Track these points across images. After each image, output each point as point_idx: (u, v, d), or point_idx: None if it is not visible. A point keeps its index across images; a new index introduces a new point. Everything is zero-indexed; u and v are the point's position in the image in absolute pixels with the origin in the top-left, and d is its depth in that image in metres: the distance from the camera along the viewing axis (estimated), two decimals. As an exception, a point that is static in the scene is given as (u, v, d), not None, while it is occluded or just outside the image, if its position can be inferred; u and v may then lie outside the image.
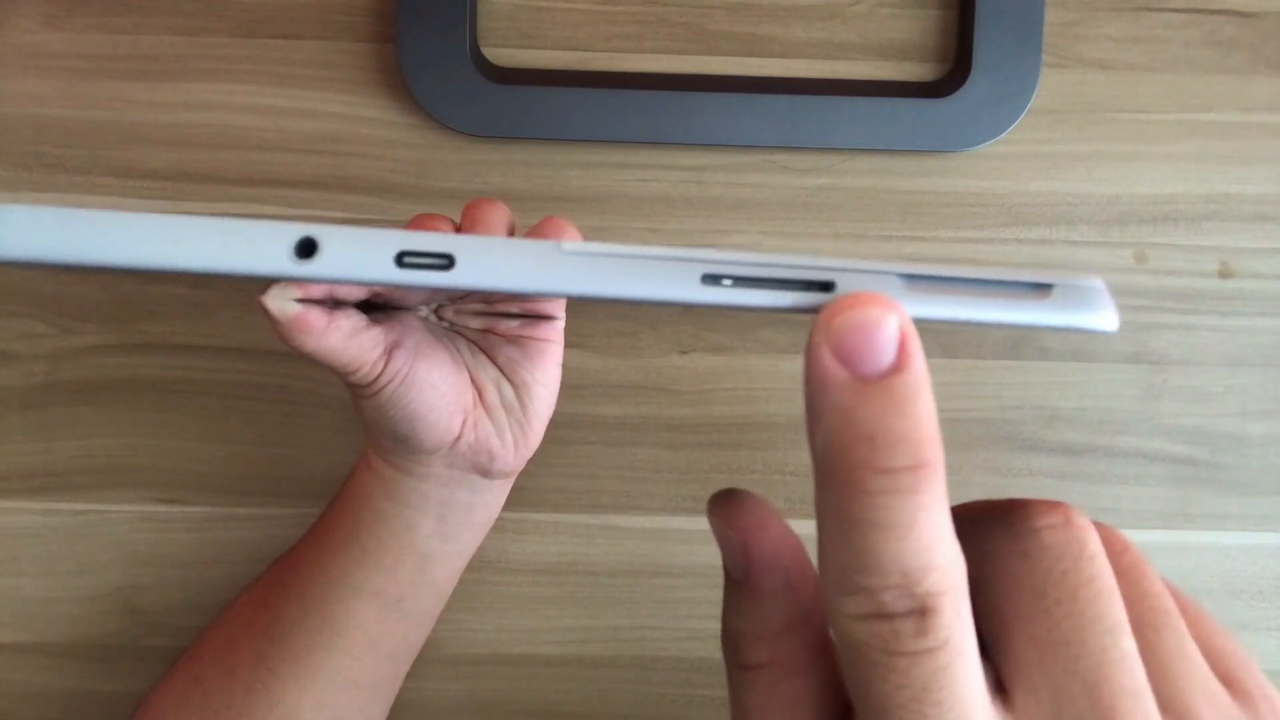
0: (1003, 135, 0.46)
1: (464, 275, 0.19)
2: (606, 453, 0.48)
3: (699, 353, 0.48)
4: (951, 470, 0.48)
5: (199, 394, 0.47)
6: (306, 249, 0.19)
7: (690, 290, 0.19)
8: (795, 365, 0.48)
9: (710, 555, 0.48)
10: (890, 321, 0.16)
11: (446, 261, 0.19)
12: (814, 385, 0.16)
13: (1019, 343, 0.48)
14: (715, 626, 0.48)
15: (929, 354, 0.47)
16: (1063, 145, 0.47)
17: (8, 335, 0.47)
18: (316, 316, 0.29)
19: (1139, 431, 0.48)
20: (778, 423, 0.48)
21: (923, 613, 0.16)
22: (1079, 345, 0.48)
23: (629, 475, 0.48)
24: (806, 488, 0.48)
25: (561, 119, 0.45)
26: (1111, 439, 0.48)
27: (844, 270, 0.18)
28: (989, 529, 0.19)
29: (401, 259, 0.19)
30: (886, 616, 0.16)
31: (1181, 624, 0.19)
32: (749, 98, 0.45)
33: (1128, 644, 0.17)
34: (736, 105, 0.45)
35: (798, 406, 0.48)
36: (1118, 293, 0.48)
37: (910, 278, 0.18)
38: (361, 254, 0.19)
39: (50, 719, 0.48)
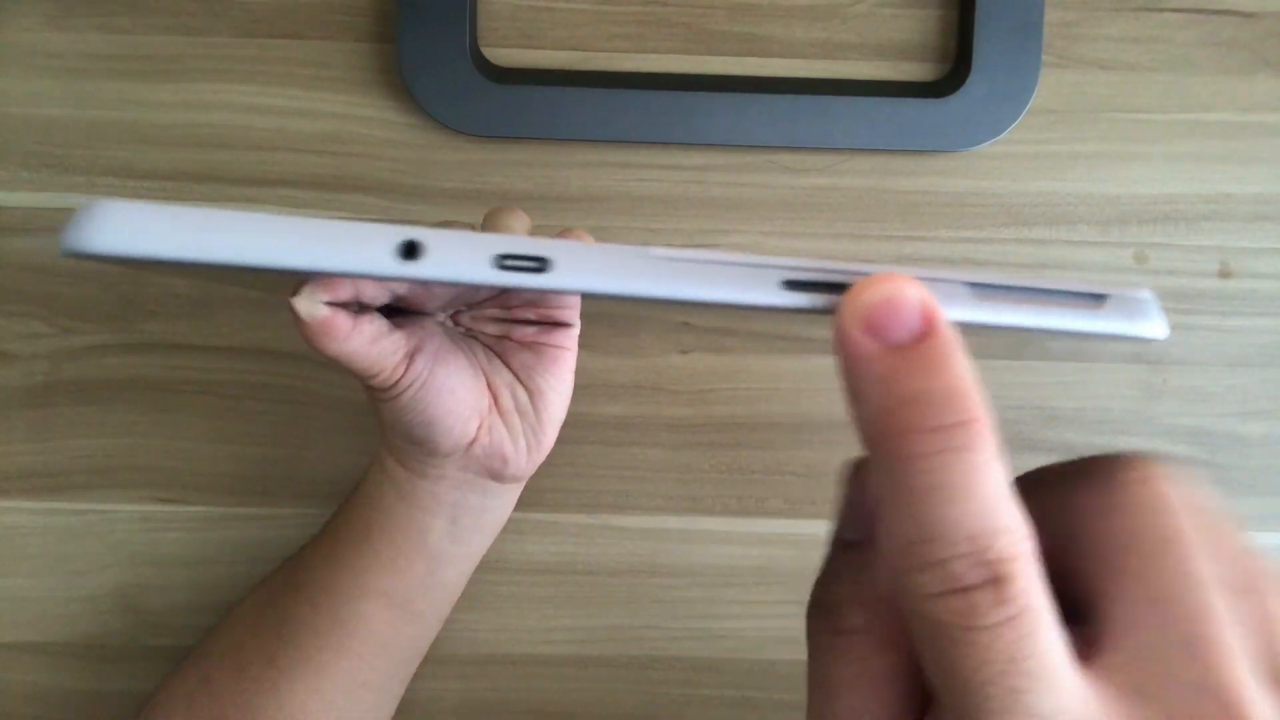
0: (1003, 135, 0.46)
1: (558, 278, 0.20)
2: (606, 453, 0.48)
3: (699, 353, 0.48)
4: (951, 470, 0.48)
5: (199, 394, 0.47)
6: (410, 250, 0.20)
7: (771, 295, 0.19)
8: (795, 365, 0.48)
9: (710, 555, 0.48)
10: (911, 291, 0.16)
11: (541, 265, 0.20)
12: (850, 364, 0.16)
13: (1019, 343, 0.48)
14: (715, 626, 0.48)
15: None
16: (1063, 145, 0.47)
17: (8, 335, 0.47)
18: (343, 320, 0.29)
19: (1139, 431, 0.48)
20: (778, 423, 0.48)
21: (997, 581, 0.15)
22: (1077, 344, 0.48)
23: (629, 475, 0.48)
24: (806, 488, 0.48)
25: (561, 119, 0.45)
26: (1111, 439, 0.48)
27: (917, 278, 0.19)
28: (1073, 487, 0.18)
29: (500, 261, 0.20)
30: (962, 590, 0.15)
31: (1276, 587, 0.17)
32: (749, 98, 0.45)
33: (1222, 601, 0.16)
34: (736, 105, 0.45)
35: (798, 406, 0.48)
36: (1118, 293, 0.48)
37: (976, 286, 0.19)
38: (462, 256, 0.20)
39: (50, 719, 0.48)
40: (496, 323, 0.37)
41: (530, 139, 0.46)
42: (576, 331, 0.38)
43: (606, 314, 0.48)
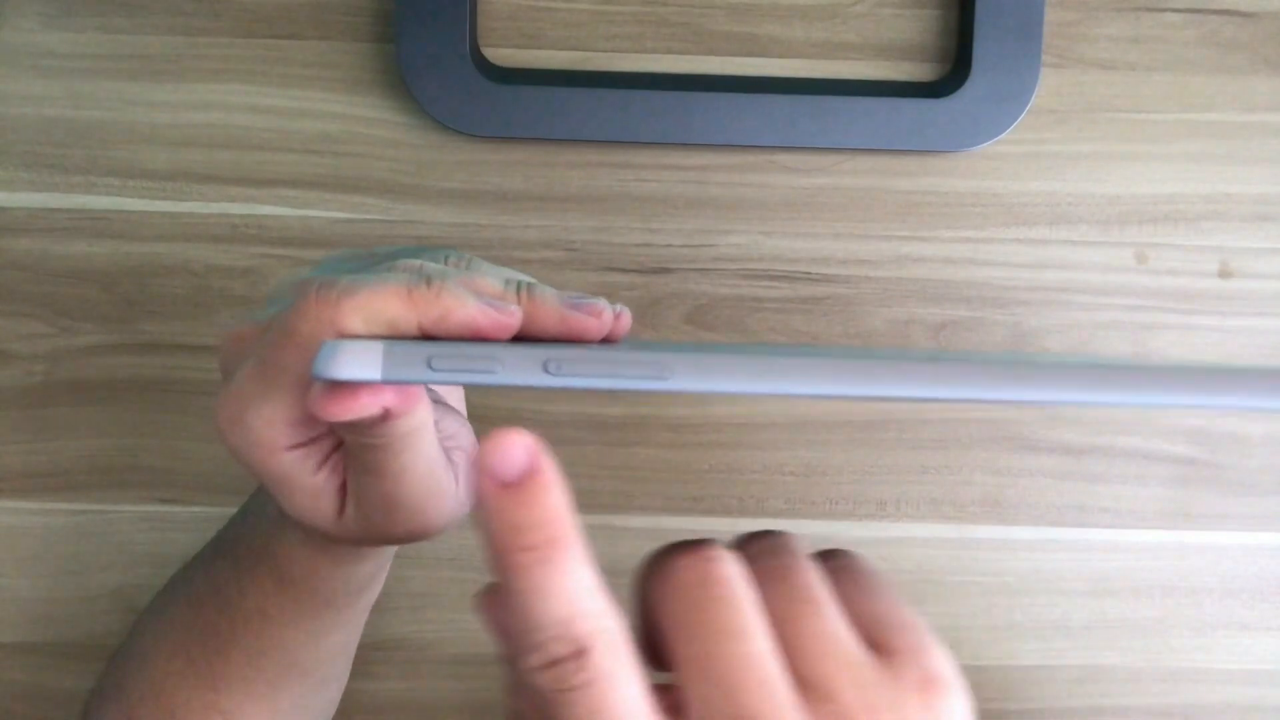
0: (1003, 135, 0.46)
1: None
2: (606, 453, 0.48)
3: (699, 353, 0.48)
4: (951, 470, 0.48)
5: (199, 394, 0.47)
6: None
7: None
8: (795, 365, 0.48)
9: (710, 555, 0.48)
10: (519, 441, 0.20)
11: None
12: (476, 500, 0.20)
13: (1018, 342, 0.48)
14: (715, 626, 0.48)
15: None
16: (1063, 145, 0.47)
17: (8, 335, 0.47)
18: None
19: (1139, 431, 0.48)
20: (778, 423, 0.48)
21: (580, 653, 0.20)
22: (1078, 344, 0.48)
23: (629, 475, 0.48)
24: (806, 488, 0.48)
25: (561, 119, 0.45)
26: (1111, 439, 0.48)
27: None
28: (648, 577, 0.23)
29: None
30: (554, 662, 0.20)
31: (823, 609, 0.22)
32: (749, 98, 0.45)
33: (756, 644, 0.21)
34: (736, 105, 0.45)
35: (797, 407, 0.48)
36: (1118, 293, 0.48)
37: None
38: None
39: (50, 719, 0.48)
40: None
41: (530, 139, 0.46)
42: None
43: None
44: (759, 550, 0.23)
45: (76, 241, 0.47)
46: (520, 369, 0.21)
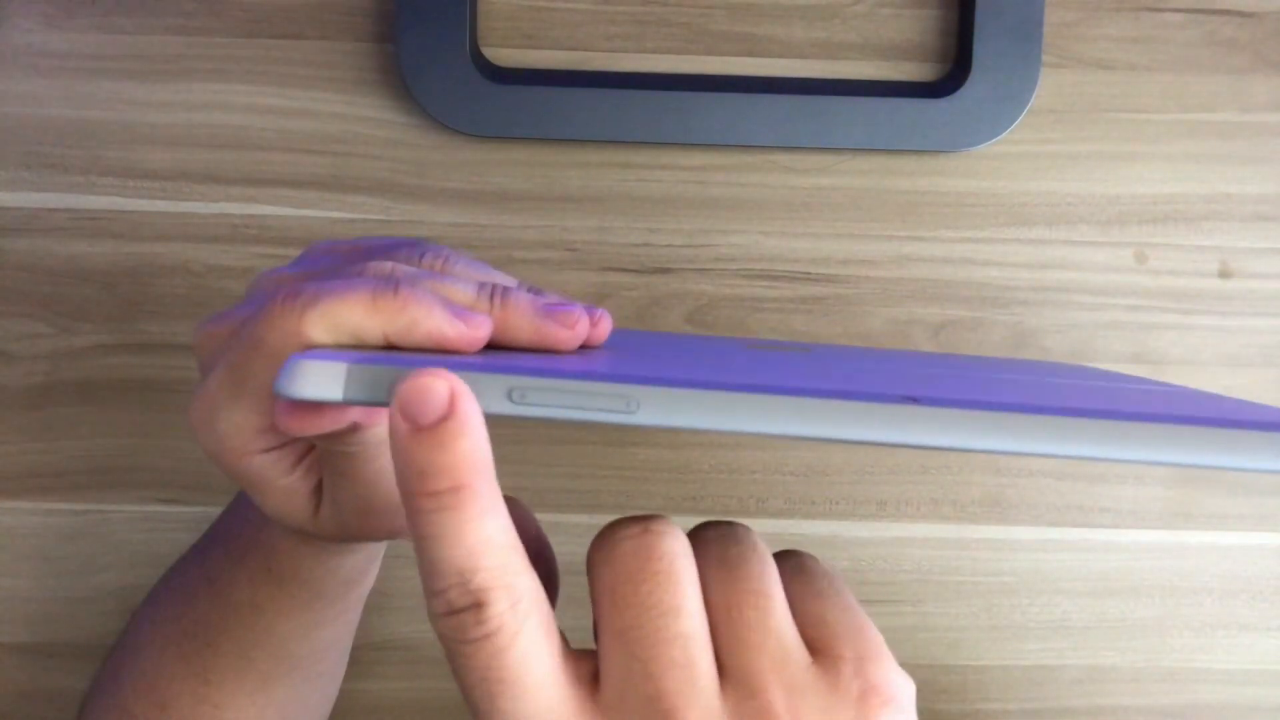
0: (1003, 135, 0.46)
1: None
2: (606, 453, 0.48)
3: (699, 353, 0.48)
4: (951, 470, 0.48)
5: (199, 394, 0.47)
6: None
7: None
8: (795, 365, 0.48)
9: (710, 555, 0.48)
10: (439, 383, 0.19)
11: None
12: (390, 441, 0.20)
13: (1018, 342, 0.48)
14: (715, 626, 0.48)
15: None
16: (1063, 145, 0.47)
17: (8, 335, 0.47)
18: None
19: (1139, 431, 0.48)
20: (778, 423, 0.48)
21: (478, 605, 0.19)
22: (1078, 344, 0.48)
23: (629, 475, 0.48)
24: (806, 487, 0.48)
25: (561, 119, 0.45)
26: (1111, 439, 0.48)
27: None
28: (594, 550, 0.22)
29: None
30: (455, 612, 0.20)
31: (767, 603, 0.21)
32: (749, 98, 0.45)
33: (685, 625, 0.20)
34: (736, 105, 0.45)
35: (798, 406, 0.48)
36: (1118, 293, 0.48)
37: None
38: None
39: (50, 719, 0.48)
40: None
41: (530, 139, 0.46)
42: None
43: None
44: (713, 536, 0.22)
45: (76, 241, 0.47)
46: (484, 397, 0.20)
